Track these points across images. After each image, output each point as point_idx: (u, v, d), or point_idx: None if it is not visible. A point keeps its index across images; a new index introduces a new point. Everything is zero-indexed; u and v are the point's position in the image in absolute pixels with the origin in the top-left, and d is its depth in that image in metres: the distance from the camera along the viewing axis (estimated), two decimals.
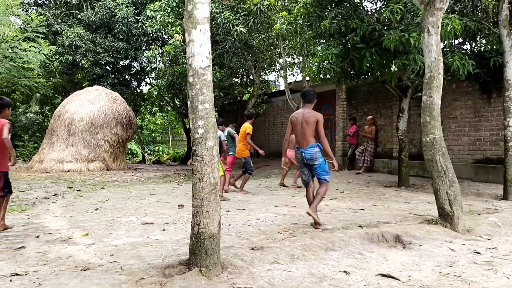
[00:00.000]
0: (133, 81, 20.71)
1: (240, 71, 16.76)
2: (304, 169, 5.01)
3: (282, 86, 16.02)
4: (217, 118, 9.33)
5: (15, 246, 4.15)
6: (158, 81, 18.82)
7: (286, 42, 12.19)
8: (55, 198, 7.78)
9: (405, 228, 4.58)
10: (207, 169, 3.21)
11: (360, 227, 4.73)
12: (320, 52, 8.58)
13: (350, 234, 4.31)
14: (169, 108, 23.34)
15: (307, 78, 11.41)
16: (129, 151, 23.84)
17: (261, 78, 16.35)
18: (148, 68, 20.23)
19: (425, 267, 3.57)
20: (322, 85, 12.12)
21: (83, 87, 17.79)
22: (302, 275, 3.30)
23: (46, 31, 17.16)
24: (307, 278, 3.25)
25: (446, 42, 7.39)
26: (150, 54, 14.23)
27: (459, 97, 9.49)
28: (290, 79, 14.54)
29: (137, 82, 21.15)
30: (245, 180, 8.49)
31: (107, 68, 18.53)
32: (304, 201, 6.51)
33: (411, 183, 8.96)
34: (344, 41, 8.01)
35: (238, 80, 17.27)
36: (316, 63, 8.53)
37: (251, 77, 16.51)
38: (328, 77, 8.75)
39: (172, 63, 15.00)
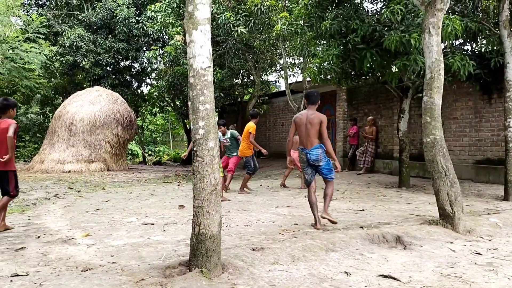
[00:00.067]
0: (133, 81, 20.73)
1: (241, 72, 16.78)
2: (307, 169, 5.04)
3: (283, 86, 16.02)
4: (219, 119, 9.37)
5: (16, 247, 4.15)
6: (159, 81, 18.85)
7: (287, 43, 12.20)
8: (55, 198, 7.78)
9: (406, 228, 4.58)
10: (207, 169, 3.21)
11: (361, 227, 4.73)
12: (320, 53, 8.58)
13: (351, 234, 4.31)
14: (169, 109, 23.37)
15: (308, 78, 11.42)
16: (129, 152, 23.88)
17: (261, 78, 16.37)
18: (149, 69, 20.24)
19: (426, 268, 3.56)
20: (323, 86, 12.11)
21: (83, 87, 17.82)
22: (302, 275, 3.30)
23: (47, 32, 17.21)
24: (307, 278, 3.25)
25: (446, 42, 7.40)
26: (150, 55, 14.26)
27: (459, 98, 9.49)
28: (291, 80, 14.55)
29: (137, 83, 21.16)
30: (245, 181, 8.48)
31: (107, 69, 18.55)
32: (305, 201, 6.51)
33: (412, 183, 8.95)
34: (344, 41, 8.02)
35: (238, 80, 17.29)
36: (317, 64, 8.54)
37: (252, 77, 16.52)
38: (329, 77, 8.75)
39: (172, 64, 15.02)
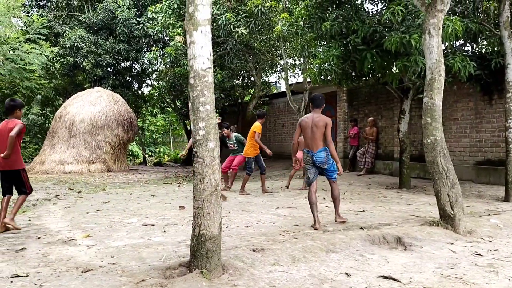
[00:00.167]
0: (134, 82, 20.74)
1: (241, 73, 16.77)
2: (312, 169, 5.14)
3: (283, 87, 16.03)
4: (224, 122, 9.38)
5: (16, 248, 4.15)
6: (159, 82, 18.83)
7: (287, 44, 12.19)
8: (56, 199, 7.78)
9: (406, 229, 4.58)
10: (208, 170, 3.21)
11: (361, 228, 4.73)
12: (321, 54, 8.58)
13: (351, 235, 4.31)
14: (170, 110, 23.36)
15: (308, 79, 11.40)
16: (130, 153, 23.88)
17: (262, 79, 16.36)
18: (149, 70, 20.24)
19: (426, 269, 3.56)
20: (323, 87, 12.12)
21: (84, 88, 17.84)
22: (303, 276, 3.30)
23: (47, 33, 17.22)
24: (308, 280, 3.24)
25: (447, 43, 7.39)
26: (151, 56, 14.25)
27: (460, 99, 9.48)
28: (291, 81, 14.54)
29: (138, 84, 21.17)
30: (245, 181, 8.46)
31: (108, 70, 18.57)
32: (305, 202, 6.51)
33: (412, 184, 8.95)
34: (345, 42, 8.02)
35: (239, 81, 17.27)
36: (317, 65, 8.54)
37: (252, 78, 16.51)
38: (329, 78, 8.75)
39: (173, 65, 15.01)
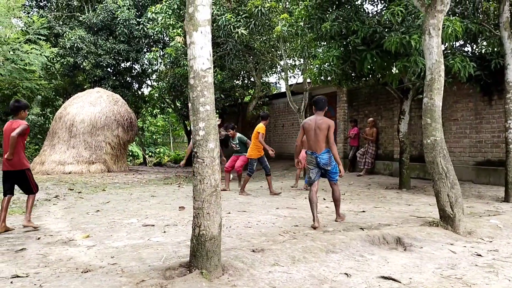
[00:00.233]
0: (134, 83, 20.73)
1: (241, 73, 16.76)
2: (314, 169, 5.18)
3: (283, 88, 16.02)
4: (228, 123, 9.36)
5: (16, 248, 4.15)
6: (159, 83, 18.82)
7: (287, 44, 12.18)
8: (56, 200, 7.79)
9: (406, 230, 4.58)
10: (208, 171, 3.21)
11: (361, 229, 4.72)
12: (321, 54, 8.58)
13: (351, 236, 4.31)
14: (170, 110, 23.37)
15: (308, 80, 11.41)
16: (130, 153, 23.86)
17: (262, 80, 16.36)
18: (149, 70, 20.25)
19: (426, 269, 3.56)
20: (323, 87, 12.12)
21: (84, 89, 17.83)
22: (303, 277, 3.30)
23: (47, 33, 17.23)
24: (308, 280, 3.24)
25: (447, 44, 7.39)
26: (151, 56, 14.25)
27: (460, 99, 9.48)
28: (291, 81, 14.53)
29: (138, 84, 21.17)
30: (245, 182, 8.48)
31: (108, 70, 18.56)
32: (305, 203, 6.51)
33: (412, 185, 8.95)
34: (345, 43, 8.02)
35: (239, 82, 17.27)
36: (317, 65, 8.54)
37: (252, 79, 16.51)
38: (329, 79, 8.75)
39: (173, 65, 15.00)
